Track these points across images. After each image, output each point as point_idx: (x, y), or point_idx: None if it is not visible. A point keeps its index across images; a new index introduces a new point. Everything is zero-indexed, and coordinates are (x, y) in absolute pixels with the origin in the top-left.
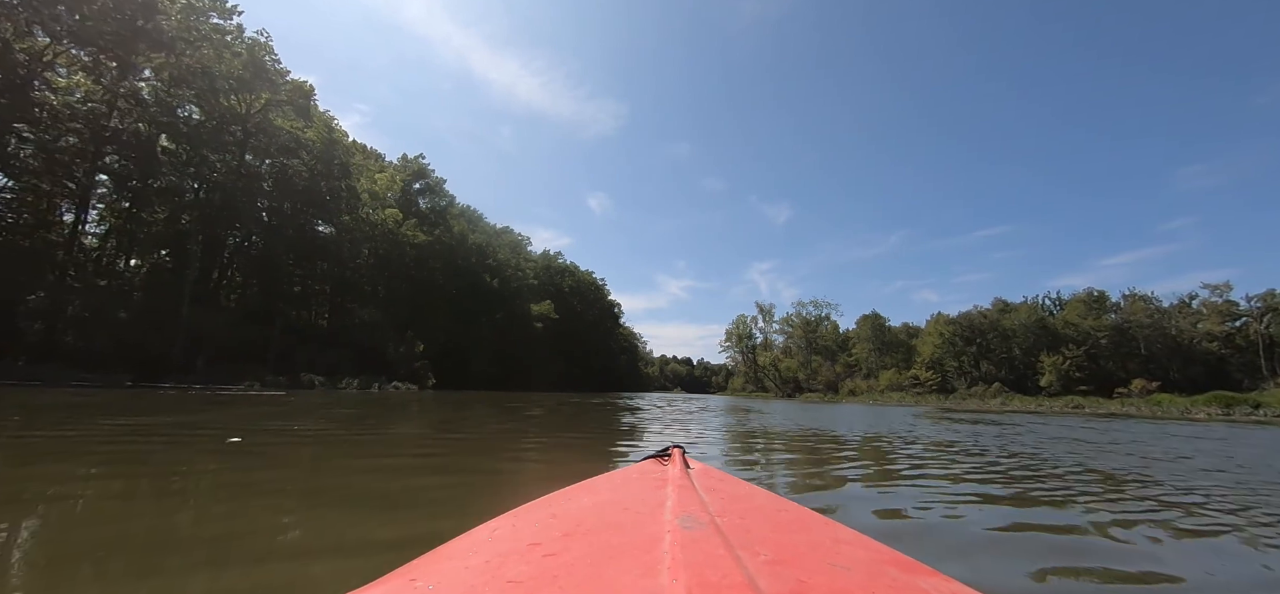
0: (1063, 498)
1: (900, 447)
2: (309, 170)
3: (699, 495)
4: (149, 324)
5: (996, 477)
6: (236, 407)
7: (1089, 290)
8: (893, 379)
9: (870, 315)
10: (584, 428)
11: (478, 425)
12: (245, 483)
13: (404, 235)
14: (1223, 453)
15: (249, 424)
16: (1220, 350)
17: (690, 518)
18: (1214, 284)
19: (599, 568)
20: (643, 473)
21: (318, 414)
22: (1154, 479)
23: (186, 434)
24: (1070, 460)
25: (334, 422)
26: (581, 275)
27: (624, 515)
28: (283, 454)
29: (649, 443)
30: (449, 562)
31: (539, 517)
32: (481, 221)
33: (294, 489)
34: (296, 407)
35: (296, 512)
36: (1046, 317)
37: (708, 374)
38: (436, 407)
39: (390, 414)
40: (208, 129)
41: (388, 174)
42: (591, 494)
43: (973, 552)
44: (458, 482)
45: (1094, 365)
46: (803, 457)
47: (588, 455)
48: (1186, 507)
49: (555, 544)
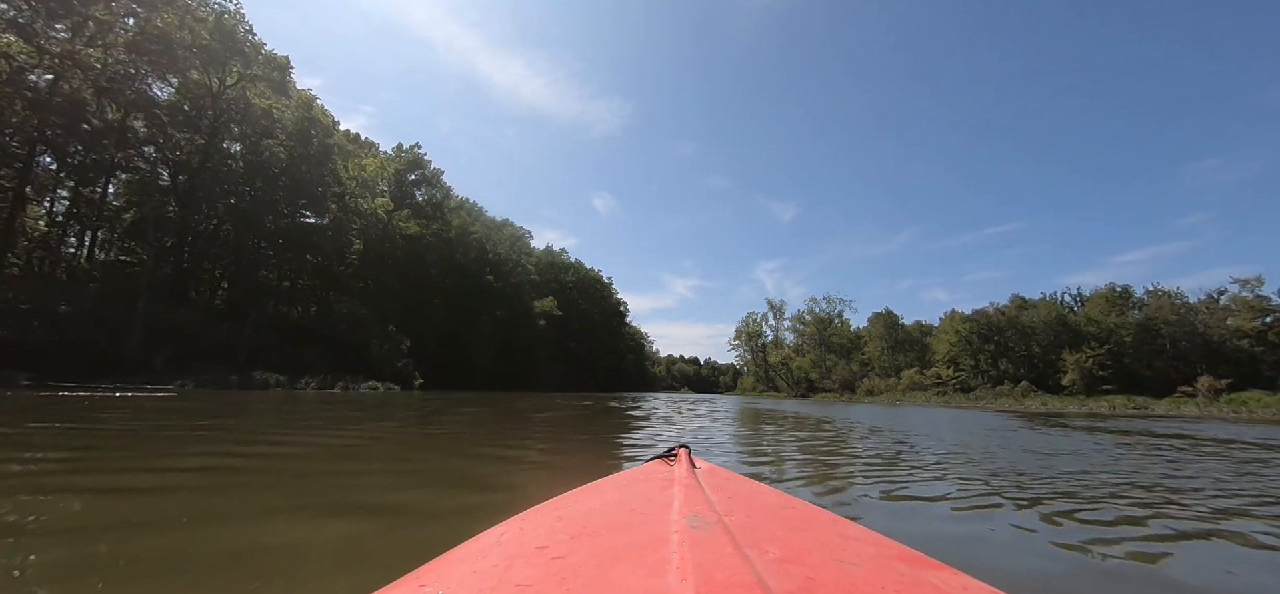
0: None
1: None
2: (287, 152)
3: (706, 494)
4: (97, 319)
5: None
6: (73, 414)
7: (1111, 286)
8: (914, 378)
9: (883, 313)
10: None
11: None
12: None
13: (396, 226)
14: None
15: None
16: (1252, 348)
17: (697, 517)
18: (1245, 279)
19: (606, 569)
20: (649, 473)
21: (143, 439)
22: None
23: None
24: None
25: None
26: (586, 272)
27: (631, 516)
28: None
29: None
30: (458, 566)
31: (546, 519)
32: (481, 214)
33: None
34: (137, 415)
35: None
36: (1067, 313)
37: (715, 374)
38: (352, 420)
39: (257, 429)
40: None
41: (377, 160)
42: (598, 495)
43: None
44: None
45: (1118, 364)
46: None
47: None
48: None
49: (563, 546)
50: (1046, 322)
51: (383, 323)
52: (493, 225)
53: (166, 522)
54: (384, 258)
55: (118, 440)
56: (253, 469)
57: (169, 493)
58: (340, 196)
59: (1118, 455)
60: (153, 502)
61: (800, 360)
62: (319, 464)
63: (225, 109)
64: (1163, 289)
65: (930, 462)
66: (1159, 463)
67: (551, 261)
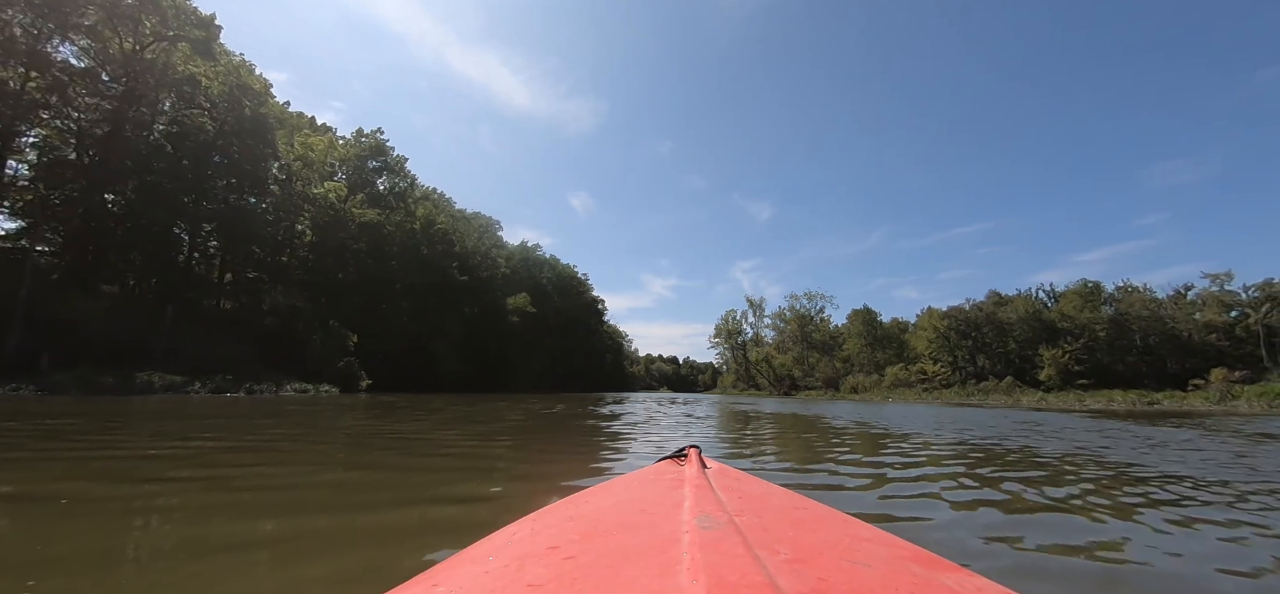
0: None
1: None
2: (215, 124)
3: (716, 495)
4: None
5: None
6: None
7: (1084, 282)
8: (898, 375)
9: (862, 310)
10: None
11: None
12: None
13: (349, 212)
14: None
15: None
16: (1220, 342)
17: (708, 518)
18: (1215, 273)
19: (617, 569)
20: (660, 474)
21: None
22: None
23: None
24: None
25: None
26: (562, 268)
27: (641, 517)
28: None
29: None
30: (470, 565)
31: (557, 519)
32: (448, 205)
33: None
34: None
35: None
36: (1042, 309)
37: (694, 373)
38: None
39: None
40: (84, 71)
41: (327, 140)
42: (609, 496)
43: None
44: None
45: (1092, 358)
46: None
47: None
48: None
49: (574, 547)
50: (1022, 318)
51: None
52: (460, 217)
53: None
54: (338, 249)
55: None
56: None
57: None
58: (285, 181)
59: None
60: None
61: (782, 358)
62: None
63: (141, 74)
64: (1133, 285)
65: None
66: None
67: (526, 257)
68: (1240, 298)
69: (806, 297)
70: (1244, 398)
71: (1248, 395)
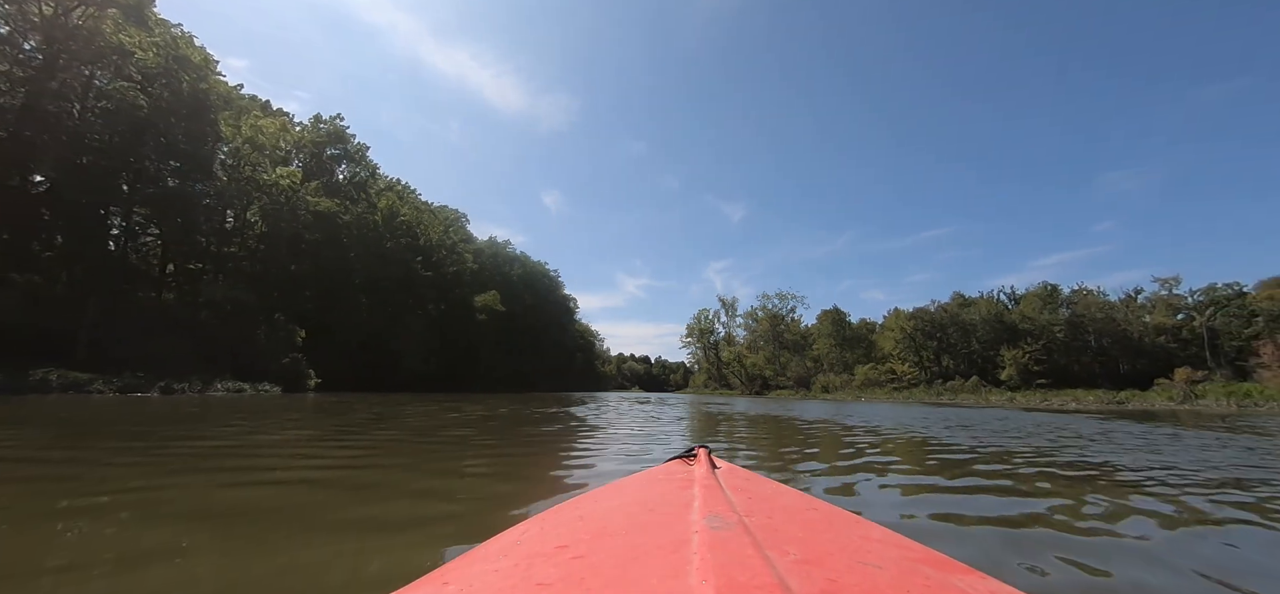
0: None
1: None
2: (149, 99)
3: (726, 495)
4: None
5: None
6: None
7: (1043, 284)
8: (868, 375)
9: (831, 310)
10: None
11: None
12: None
13: (303, 200)
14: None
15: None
16: (1169, 344)
17: (717, 518)
18: (1164, 278)
19: (626, 569)
20: (669, 473)
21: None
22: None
23: None
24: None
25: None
26: (532, 265)
27: (651, 516)
28: None
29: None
30: (479, 565)
31: (567, 519)
32: (412, 196)
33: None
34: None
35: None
36: (1004, 311)
37: (666, 372)
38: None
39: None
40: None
41: (279, 123)
42: (619, 496)
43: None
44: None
45: (1050, 359)
46: None
47: None
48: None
49: (583, 546)
50: (985, 319)
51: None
52: (425, 209)
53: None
54: (290, 239)
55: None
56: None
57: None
58: (233, 166)
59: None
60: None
61: (754, 357)
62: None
63: (63, 41)
64: (1087, 288)
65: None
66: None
67: (495, 253)
68: (1186, 302)
69: (778, 296)
70: (1211, 395)
71: (1214, 393)
